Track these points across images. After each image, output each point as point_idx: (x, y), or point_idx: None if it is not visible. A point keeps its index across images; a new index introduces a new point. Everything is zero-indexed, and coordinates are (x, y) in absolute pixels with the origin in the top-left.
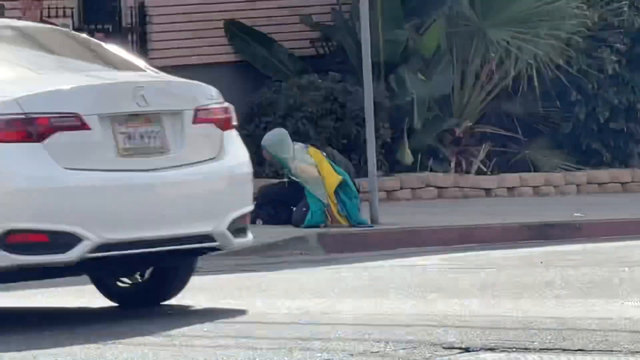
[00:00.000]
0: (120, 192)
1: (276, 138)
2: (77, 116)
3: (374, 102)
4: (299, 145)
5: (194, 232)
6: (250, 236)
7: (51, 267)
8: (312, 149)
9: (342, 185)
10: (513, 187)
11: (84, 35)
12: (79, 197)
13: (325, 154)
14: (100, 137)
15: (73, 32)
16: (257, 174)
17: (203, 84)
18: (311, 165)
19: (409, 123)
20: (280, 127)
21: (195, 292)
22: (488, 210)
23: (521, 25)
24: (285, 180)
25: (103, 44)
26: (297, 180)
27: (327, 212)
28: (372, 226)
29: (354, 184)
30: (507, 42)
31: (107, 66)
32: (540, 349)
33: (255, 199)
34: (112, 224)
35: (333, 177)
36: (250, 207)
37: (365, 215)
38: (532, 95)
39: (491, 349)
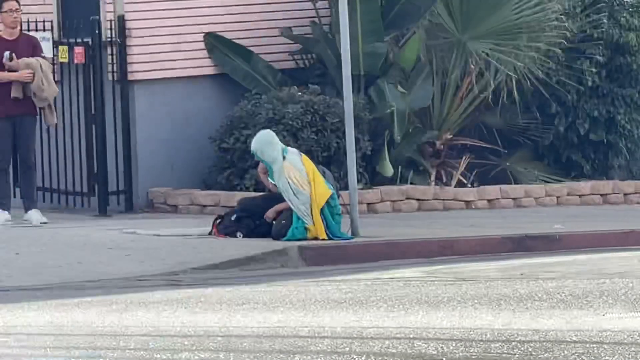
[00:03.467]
0: None
1: (262, 140)
2: None
3: (354, 115)
4: (293, 150)
5: None
6: None
7: None
8: (304, 157)
9: (327, 201)
10: (493, 199)
11: None
12: None
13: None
14: None
15: None
16: (236, 187)
17: None
18: (300, 171)
19: (389, 135)
20: None
21: (175, 306)
22: (468, 223)
23: (501, 37)
24: (266, 193)
25: None
26: (276, 184)
27: (308, 227)
28: (352, 238)
29: (338, 202)
30: (487, 54)
31: None
32: None
33: (234, 211)
34: None
35: (324, 189)
36: None
37: (345, 228)
38: (512, 107)
39: None
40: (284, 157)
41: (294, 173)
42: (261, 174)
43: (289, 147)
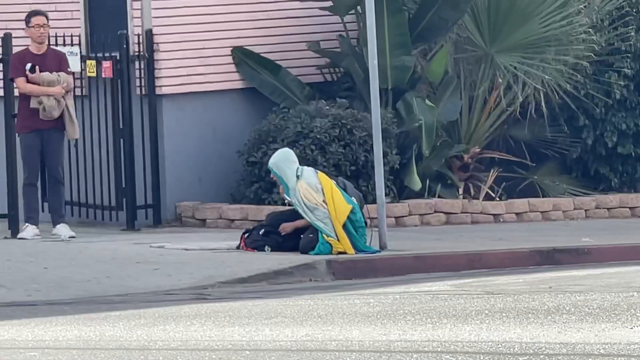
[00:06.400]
0: None
1: (280, 156)
2: None
3: (382, 128)
4: (309, 169)
5: None
6: None
7: None
8: (321, 174)
9: (348, 216)
10: (521, 213)
11: None
12: None
13: (335, 182)
14: None
15: None
16: (264, 201)
17: None
18: (316, 190)
19: (417, 149)
20: None
21: (203, 319)
22: (496, 236)
23: (528, 51)
24: (286, 202)
25: None
26: (290, 201)
27: (332, 243)
28: (379, 251)
29: (363, 215)
30: (515, 67)
31: None
32: None
33: (262, 226)
34: None
35: (343, 206)
36: None
37: (373, 242)
38: (540, 121)
39: None
40: (297, 177)
41: (308, 192)
42: (284, 193)
43: (304, 167)
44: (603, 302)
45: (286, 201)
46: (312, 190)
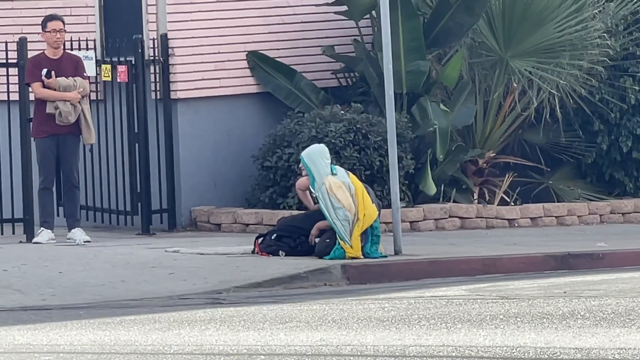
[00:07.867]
0: None
1: (315, 148)
2: None
3: (397, 133)
4: (342, 169)
5: None
6: None
7: None
8: (352, 176)
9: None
10: (536, 217)
11: None
12: None
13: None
14: None
15: None
16: (279, 205)
17: None
18: (349, 190)
19: (431, 154)
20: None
21: (218, 324)
22: (511, 241)
23: (543, 55)
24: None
25: None
26: (315, 196)
27: (345, 248)
28: (385, 257)
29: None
30: (530, 72)
31: None
32: None
33: (273, 231)
34: None
35: (373, 210)
36: None
37: (388, 246)
38: (554, 125)
39: None
40: (333, 174)
41: (341, 190)
42: (300, 190)
43: (337, 166)
44: (618, 307)
45: (313, 194)
46: (345, 189)
